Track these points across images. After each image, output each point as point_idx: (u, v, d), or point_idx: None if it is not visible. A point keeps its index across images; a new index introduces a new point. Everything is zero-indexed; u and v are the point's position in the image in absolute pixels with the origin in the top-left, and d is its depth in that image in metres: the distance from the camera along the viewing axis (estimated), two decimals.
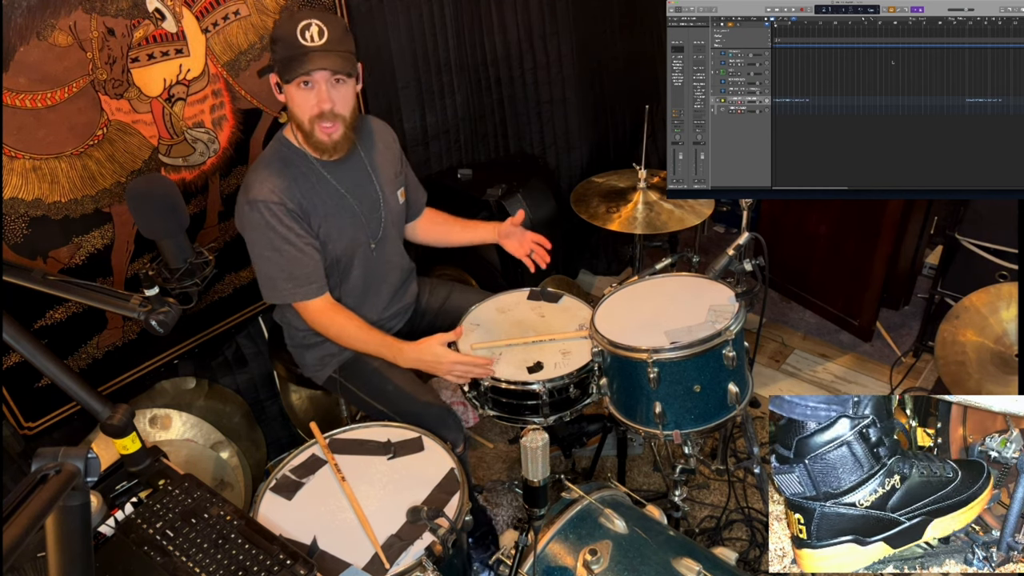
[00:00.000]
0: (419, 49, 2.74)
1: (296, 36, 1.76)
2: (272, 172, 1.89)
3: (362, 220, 2.02)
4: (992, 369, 2.20)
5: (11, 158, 1.78)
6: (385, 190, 2.08)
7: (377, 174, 2.06)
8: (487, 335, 2.09)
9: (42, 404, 2.01)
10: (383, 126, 2.16)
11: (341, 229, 1.98)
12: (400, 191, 2.15)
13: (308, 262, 1.91)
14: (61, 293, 1.46)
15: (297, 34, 1.76)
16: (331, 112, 1.82)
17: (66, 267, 1.97)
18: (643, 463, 2.66)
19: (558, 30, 2.94)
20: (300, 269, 1.91)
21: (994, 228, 2.59)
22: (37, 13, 1.73)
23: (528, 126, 3.12)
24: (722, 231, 3.92)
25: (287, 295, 1.93)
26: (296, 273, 1.91)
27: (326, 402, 2.66)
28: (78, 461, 1.00)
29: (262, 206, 1.85)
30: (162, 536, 1.43)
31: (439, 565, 1.51)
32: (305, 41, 1.77)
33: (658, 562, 1.51)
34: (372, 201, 2.05)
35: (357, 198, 2.01)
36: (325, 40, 1.78)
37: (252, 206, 1.86)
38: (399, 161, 2.17)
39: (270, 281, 1.93)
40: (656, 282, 2.08)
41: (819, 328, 3.25)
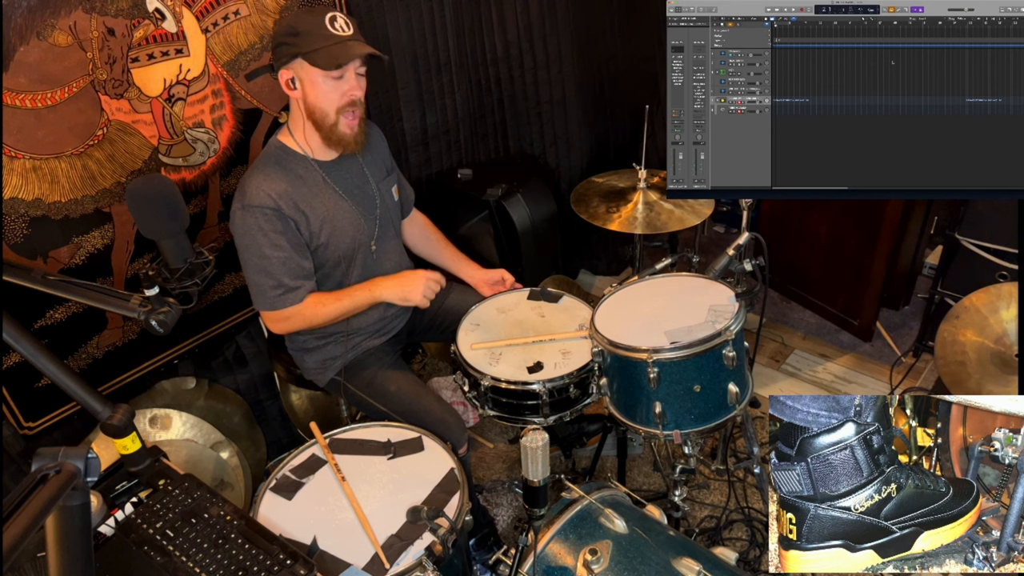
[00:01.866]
0: (419, 49, 2.74)
1: (327, 27, 1.79)
2: (269, 176, 1.89)
3: (361, 220, 2.03)
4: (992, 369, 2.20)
5: (11, 158, 1.78)
6: (381, 188, 2.09)
7: (372, 173, 2.08)
8: (487, 335, 2.09)
9: (42, 404, 2.01)
10: (371, 124, 2.17)
11: (341, 230, 1.99)
12: (394, 188, 2.16)
13: (295, 268, 1.91)
14: (61, 293, 1.46)
15: (327, 24, 1.79)
16: (359, 101, 1.88)
17: (66, 267, 1.97)
18: (643, 463, 2.66)
19: (558, 30, 2.94)
20: (287, 276, 1.90)
21: (994, 228, 2.59)
22: (37, 13, 1.73)
23: (528, 126, 3.12)
24: (722, 231, 3.92)
25: (276, 302, 1.92)
26: (284, 280, 1.90)
27: (326, 402, 2.66)
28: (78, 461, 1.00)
29: (257, 211, 1.85)
30: (162, 536, 1.43)
31: (439, 565, 1.51)
32: (337, 31, 1.80)
33: (658, 562, 1.51)
34: (370, 201, 2.06)
35: (355, 198, 2.02)
36: (353, 30, 1.83)
37: (246, 211, 1.86)
38: (389, 158, 2.19)
39: (258, 288, 1.92)
40: (656, 282, 2.08)
41: (819, 328, 3.25)
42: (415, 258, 2.37)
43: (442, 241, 2.38)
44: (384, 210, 2.10)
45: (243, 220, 1.87)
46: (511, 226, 2.78)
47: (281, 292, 1.91)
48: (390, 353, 2.18)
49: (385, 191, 2.10)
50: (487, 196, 2.77)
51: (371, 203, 2.06)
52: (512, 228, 2.79)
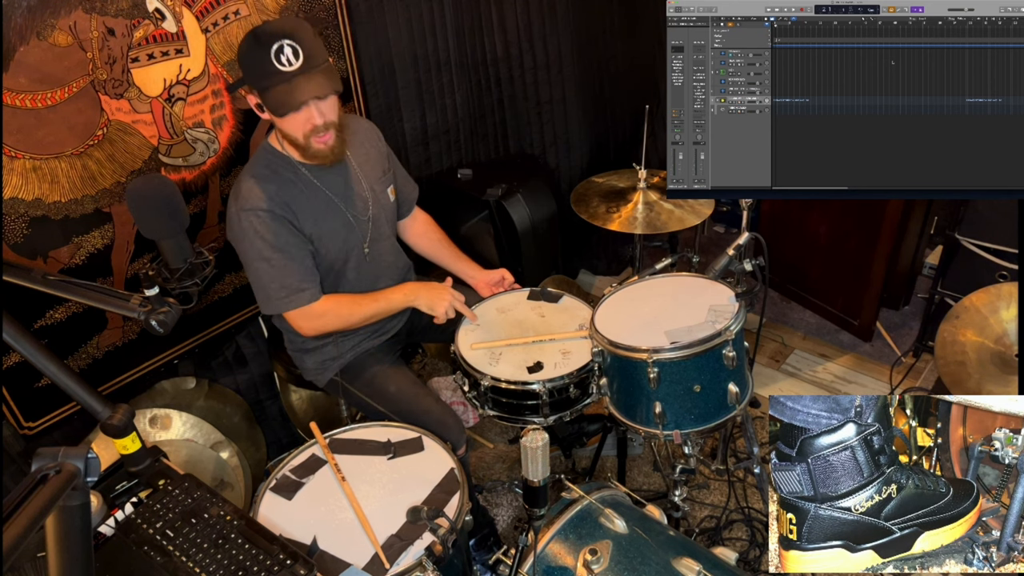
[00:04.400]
0: (419, 49, 2.74)
1: (272, 62, 1.68)
2: (259, 179, 1.88)
3: (353, 223, 2.01)
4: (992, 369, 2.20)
5: (11, 158, 1.78)
6: (375, 189, 2.07)
7: (365, 174, 2.05)
8: (487, 335, 2.09)
9: (42, 404, 2.01)
10: (366, 125, 2.15)
11: (333, 232, 1.97)
12: (390, 189, 2.13)
13: (299, 268, 1.90)
14: (61, 293, 1.46)
15: (272, 59, 1.68)
16: (323, 125, 1.81)
17: (66, 267, 1.97)
18: (643, 463, 2.66)
19: (558, 30, 2.94)
20: (291, 277, 1.89)
21: (994, 228, 2.59)
22: (37, 13, 1.73)
23: (528, 126, 3.12)
24: (722, 231, 3.92)
25: (282, 304, 1.92)
26: (288, 281, 1.89)
27: (326, 402, 2.66)
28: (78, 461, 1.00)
29: (251, 214, 1.84)
30: (162, 536, 1.42)
31: (439, 565, 1.51)
32: (283, 66, 1.69)
33: (658, 562, 1.50)
34: (362, 203, 2.04)
35: (346, 201, 2.00)
36: (302, 60, 1.70)
37: (240, 215, 1.85)
38: (385, 159, 2.15)
39: (264, 291, 1.92)
40: (656, 282, 2.08)
41: (819, 328, 3.25)
42: (415, 257, 2.36)
43: (444, 240, 2.37)
44: (378, 211, 2.07)
45: (239, 224, 1.86)
46: (511, 226, 2.78)
47: (286, 294, 1.90)
48: (389, 353, 2.18)
49: (379, 191, 2.08)
50: (487, 196, 2.77)
51: (363, 205, 2.04)
52: (512, 228, 2.79)
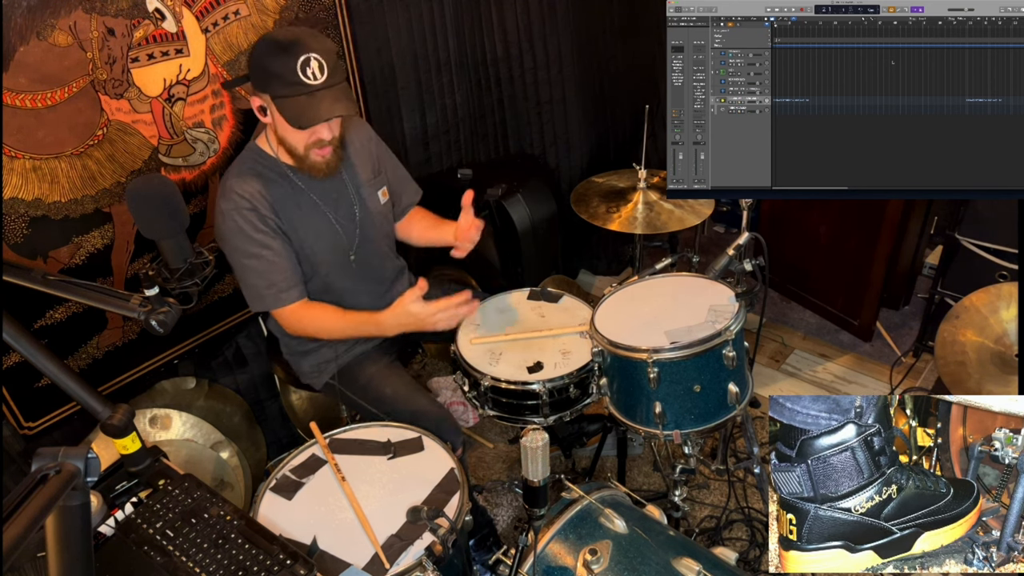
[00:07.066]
0: (419, 49, 2.74)
1: (297, 73, 1.68)
2: (244, 178, 1.87)
3: (338, 229, 1.99)
4: (992, 369, 2.20)
5: (11, 158, 1.78)
6: (363, 192, 2.03)
7: (353, 178, 2.01)
8: (487, 334, 2.09)
9: (42, 404, 2.01)
10: (358, 124, 2.09)
11: (318, 236, 1.96)
12: (381, 191, 2.08)
13: (285, 266, 1.89)
14: (61, 293, 1.46)
15: (298, 71, 1.68)
16: (329, 140, 1.82)
17: (66, 267, 1.97)
18: (643, 463, 2.66)
19: (558, 30, 2.94)
20: (278, 275, 1.89)
21: (994, 228, 2.59)
22: (37, 13, 1.73)
23: (528, 126, 3.12)
24: (722, 231, 3.91)
25: (271, 301, 1.91)
26: (275, 279, 1.89)
27: (326, 402, 2.66)
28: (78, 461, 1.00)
29: (235, 213, 1.84)
30: (162, 536, 1.42)
31: (439, 565, 1.51)
32: (308, 79, 1.69)
33: (658, 562, 1.50)
34: (348, 209, 2.00)
35: (332, 206, 1.97)
36: (327, 74, 1.71)
37: (225, 215, 1.85)
38: (375, 160, 2.09)
39: (253, 290, 1.91)
40: (656, 282, 2.08)
41: (819, 328, 3.25)
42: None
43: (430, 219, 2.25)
44: (365, 215, 2.03)
45: (224, 222, 1.85)
46: (511, 226, 2.78)
47: (275, 291, 1.90)
48: (385, 355, 2.16)
49: (368, 195, 2.04)
50: (487, 196, 2.77)
51: (348, 211, 2.00)
52: (512, 228, 2.79)
